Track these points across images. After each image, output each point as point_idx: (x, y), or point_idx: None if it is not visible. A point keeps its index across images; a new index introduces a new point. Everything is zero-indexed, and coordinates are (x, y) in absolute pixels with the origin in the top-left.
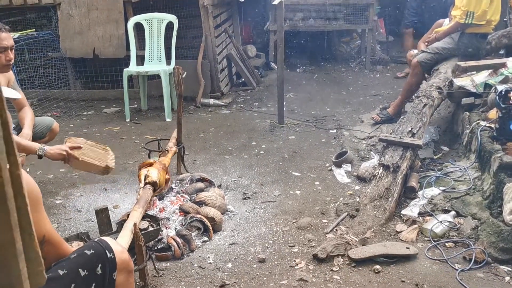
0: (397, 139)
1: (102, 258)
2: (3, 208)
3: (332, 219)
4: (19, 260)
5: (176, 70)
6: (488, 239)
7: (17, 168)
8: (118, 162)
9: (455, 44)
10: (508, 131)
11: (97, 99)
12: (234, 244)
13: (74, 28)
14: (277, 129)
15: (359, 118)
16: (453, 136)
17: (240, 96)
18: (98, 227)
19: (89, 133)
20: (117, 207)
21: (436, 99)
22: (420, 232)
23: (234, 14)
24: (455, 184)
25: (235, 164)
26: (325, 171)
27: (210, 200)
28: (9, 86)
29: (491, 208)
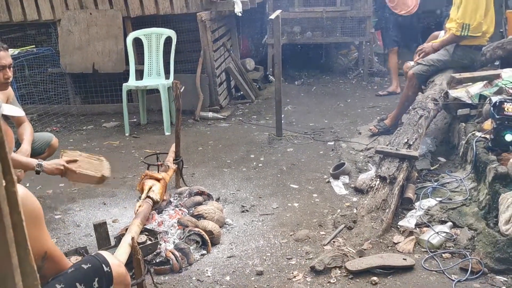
0: (394, 151)
1: (99, 272)
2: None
3: (330, 231)
4: (14, 274)
5: (174, 84)
6: (484, 250)
7: (13, 186)
8: (117, 176)
9: (450, 56)
10: (502, 141)
11: (96, 113)
12: (232, 257)
13: (74, 43)
14: (276, 142)
15: (356, 130)
16: (449, 147)
17: (239, 109)
18: (97, 242)
19: (89, 147)
20: (116, 221)
21: (432, 110)
22: (417, 243)
23: (232, 28)
24: (451, 195)
25: (234, 177)
26: (323, 183)
27: (208, 213)
28: (8, 102)
29: (487, 218)
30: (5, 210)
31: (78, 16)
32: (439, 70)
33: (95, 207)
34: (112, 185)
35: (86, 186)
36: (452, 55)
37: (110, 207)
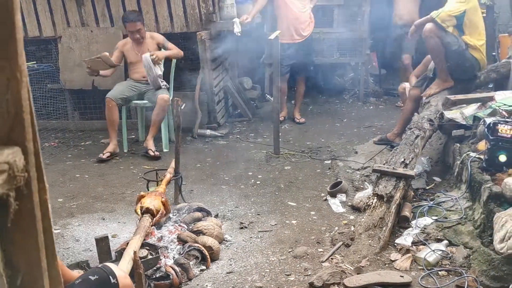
0: (390, 170)
1: (106, 284)
2: (33, 230)
3: (328, 248)
4: (43, 277)
5: (175, 102)
6: (479, 268)
7: (45, 193)
8: (116, 192)
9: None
10: (496, 162)
11: (95, 129)
12: (231, 272)
13: (74, 60)
14: (273, 160)
15: (353, 149)
16: (444, 167)
17: (236, 127)
18: (98, 256)
19: (87, 163)
20: (115, 236)
21: (428, 130)
22: (413, 261)
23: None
24: (447, 213)
25: (232, 194)
26: (320, 201)
27: (208, 229)
28: None
29: (482, 237)
30: (38, 216)
31: (79, 33)
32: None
33: (94, 222)
34: (111, 201)
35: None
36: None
37: (109, 222)
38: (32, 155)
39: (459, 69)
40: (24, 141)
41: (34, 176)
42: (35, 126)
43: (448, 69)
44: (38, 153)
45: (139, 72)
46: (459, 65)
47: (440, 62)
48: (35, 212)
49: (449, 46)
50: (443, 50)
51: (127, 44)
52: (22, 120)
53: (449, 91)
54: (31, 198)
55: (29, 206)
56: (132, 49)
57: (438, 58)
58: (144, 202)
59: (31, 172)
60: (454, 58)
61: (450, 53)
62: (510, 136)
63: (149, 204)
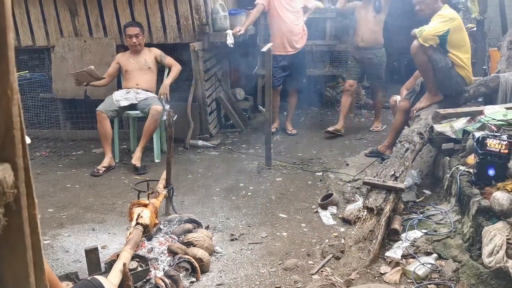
0: (381, 183)
1: None
2: (22, 246)
3: (318, 260)
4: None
5: (168, 113)
6: (468, 281)
7: (33, 209)
8: (107, 202)
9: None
10: (485, 176)
11: (86, 139)
12: (221, 285)
13: (67, 70)
14: (265, 171)
15: (344, 161)
16: (434, 180)
17: (229, 138)
18: (88, 267)
19: (78, 173)
20: (105, 247)
21: (418, 144)
22: (403, 274)
23: (223, 58)
24: (436, 227)
25: (223, 205)
26: (311, 213)
27: (198, 241)
28: None
29: (471, 250)
30: (27, 232)
31: (73, 43)
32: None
33: (84, 233)
34: (101, 211)
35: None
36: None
37: (99, 233)
38: (21, 171)
39: (445, 86)
40: (14, 157)
41: (24, 192)
42: (25, 142)
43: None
44: (28, 168)
45: (134, 80)
46: (445, 82)
47: (428, 78)
48: (23, 227)
49: (435, 63)
50: (431, 66)
51: (125, 55)
52: (13, 137)
53: (438, 105)
54: (20, 214)
55: (18, 221)
56: (129, 59)
57: (426, 74)
58: (144, 215)
59: (21, 188)
60: (441, 75)
61: (437, 70)
62: (498, 150)
63: (147, 220)
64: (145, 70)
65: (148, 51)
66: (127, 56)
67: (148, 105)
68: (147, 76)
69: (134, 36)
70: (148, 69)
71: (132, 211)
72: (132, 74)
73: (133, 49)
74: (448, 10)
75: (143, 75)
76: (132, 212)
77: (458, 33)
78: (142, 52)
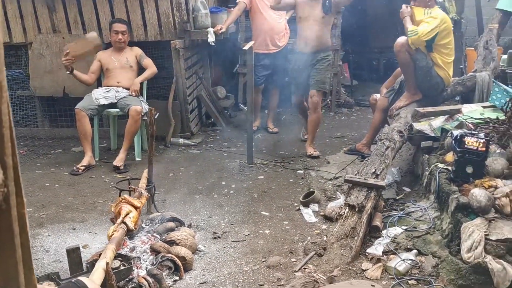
0: (362, 180)
1: None
2: (11, 245)
3: (301, 257)
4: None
5: (149, 111)
6: (448, 277)
7: (22, 208)
8: (87, 201)
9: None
10: (464, 173)
11: (65, 137)
12: (205, 283)
13: (45, 67)
14: (247, 169)
15: (325, 159)
16: (414, 177)
17: (210, 136)
18: (69, 267)
19: (57, 172)
20: (86, 247)
21: (398, 142)
22: (384, 270)
23: (204, 56)
24: (416, 223)
25: (205, 204)
26: (293, 210)
27: (181, 239)
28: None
29: (450, 246)
30: (16, 231)
31: (51, 40)
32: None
33: (64, 232)
34: (82, 210)
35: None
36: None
37: (80, 232)
38: (11, 170)
39: (424, 85)
40: (4, 156)
41: (13, 191)
42: (14, 140)
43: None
44: (17, 167)
45: (115, 78)
46: (424, 81)
47: (409, 76)
48: (13, 227)
49: (417, 62)
50: (413, 65)
51: (106, 52)
52: (2, 136)
53: (417, 103)
54: (9, 213)
55: (7, 221)
56: (110, 56)
57: (408, 72)
58: (132, 216)
59: (10, 186)
60: (421, 74)
61: (418, 69)
62: (476, 148)
63: (132, 223)
64: (127, 69)
65: (130, 49)
66: (109, 54)
67: (128, 105)
68: (128, 74)
69: (120, 33)
70: (129, 67)
71: (121, 207)
72: (114, 72)
73: (117, 46)
74: (440, 11)
75: (125, 74)
76: (121, 208)
77: (445, 37)
78: (124, 50)
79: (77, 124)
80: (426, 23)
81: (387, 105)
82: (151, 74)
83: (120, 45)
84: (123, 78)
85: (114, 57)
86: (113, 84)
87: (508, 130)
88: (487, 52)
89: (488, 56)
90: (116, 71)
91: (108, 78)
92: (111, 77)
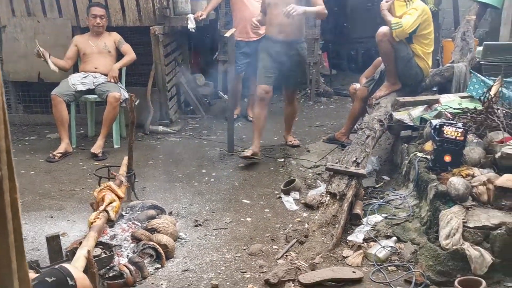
0: (343, 168)
1: (63, 285)
2: (3, 230)
3: (282, 245)
4: (13, 278)
5: (130, 97)
6: (426, 263)
7: (15, 192)
8: (65, 189)
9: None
10: (442, 162)
11: (40, 124)
12: (187, 271)
13: (19, 51)
14: (227, 157)
15: (305, 148)
16: (392, 166)
17: (189, 124)
18: (49, 255)
19: (32, 158)
20: (64, 235)
21: (378, 131)
22: (365, 257)
23: (183, 43)
24: (395, 211)
25: (186, 192)
26: (274, 198)
27: (162, 227)
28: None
29: (428, 233)
30: (9, 216)
31: (25, 23)
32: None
33: (41, 220)
34: (59, 198)
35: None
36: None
37: (57, 220)
38: (4, 153)
39: (404, 75)
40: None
41: (6, 174)
42: (7, 122)
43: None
44: (9, 150)
45: (92, 63)
46: (404, 71)
47: (390, 66)
48: (6, 212)
49: (398, 52)
50: (394, 55)
51: (84, 37)
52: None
53: (397, 93)
54: (2, 198)
55: (0, 205)
56: (88, 41)
57: (388, 62)
58: (112, 204)
59: (3, 170)
60: (401, 64)
61: (398, 59)
62: (454, 137)
63: (113, 213)
64: (105, 54)
65: (108, 34)
66: (86, 38)
67: (106, 92)
68: (106, 60)
69: (99, 17)
70: (107, 52)
71: (105, 195)
72: (91, 57)
73: (95, 30)
74: (420, 2)
75: (102, 59)
76: (104, 195)
77: (426, 28)
78: (103, 35)
79: (54, 110)
80: (409, 15)
81: (367, 95)
82: (130, 61)
83: (98, 29)
84: (101, 64)
85: (92, 41)
86: (91, 69)
87: (485, 120)
88: (464, 43)
89: (465, 47)
90: (94, 56)
91: (85, 63)
92: (88, 62)
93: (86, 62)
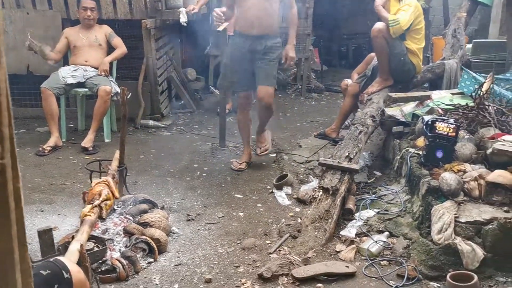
0: (336, 164)
1: (58, 278)
2: (6, 221)
3: (275, 240)
4: (15, 270)
5: (122, 91)
6: (418, 257)
7: (17, 182)
8: (55, 183)
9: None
10: (434, 157)
11: (29, 117)
12: (180, 265)
13: (8, 43)
14: (219, 152)
15: (297, 143)
16: (384, 162)
17: (180, 118)
18: (41, 250)
19: (22, 152)
20: (56, 229)
21: (370, 126)
22: (357, 252)
23: (175, 37)
24: (388, 206)
25: (178, 186)
26: (267, 193)
27: (155, 221)
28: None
29: (420, 228)
30: (12, 206)
31: (14, 15)
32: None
33: (32, 214)
34: (50, 192)
35: None
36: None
37: (48, 214)
38: (7, 141)
39: (397, 71)
40: (1, 126)
41: (9, 163)
42: (11, 109)
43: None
44: (13, 138)
45: (83, 56)
46: (398, 67)
47: (383, 62)
48: (9, 201)
49: (392, 48)
50: (388, 51)
51: (74, 29)
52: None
53: (389, 89)
54: (5, 187)
55: (3, 195)
56: (78, 33)
57: (382, 57)
58: (106, 202)
59: (6, 158)
60: (395, 60)
61: (392, 55)
62: (446, 133)
63: (105, 210)
64: (95, 47)
65: (99, 27)
66: (76, 31)
67: (97, 85)
68: (97, 53)
69: (89, 10)
70: (98, 45)
71: (102, 190)
72: (82, 50)
73: (85, 23)
74: None
75: (93, 52)
76: (101, 190)
77: (418, 23)
78: (93, 28)
79: (43, 104)
80: (404, 11)
81: (358, 91)
82: (121, 54)
83: (89, 22)
84: (91, 57)
85: (82, 34)
86: (81, 62)
87: (476, 116)
88: (455, 40)
89: (456, 44)
90: (84, 49)
91: (76, 55)
92: (78, 55)
93: (76, 55)
